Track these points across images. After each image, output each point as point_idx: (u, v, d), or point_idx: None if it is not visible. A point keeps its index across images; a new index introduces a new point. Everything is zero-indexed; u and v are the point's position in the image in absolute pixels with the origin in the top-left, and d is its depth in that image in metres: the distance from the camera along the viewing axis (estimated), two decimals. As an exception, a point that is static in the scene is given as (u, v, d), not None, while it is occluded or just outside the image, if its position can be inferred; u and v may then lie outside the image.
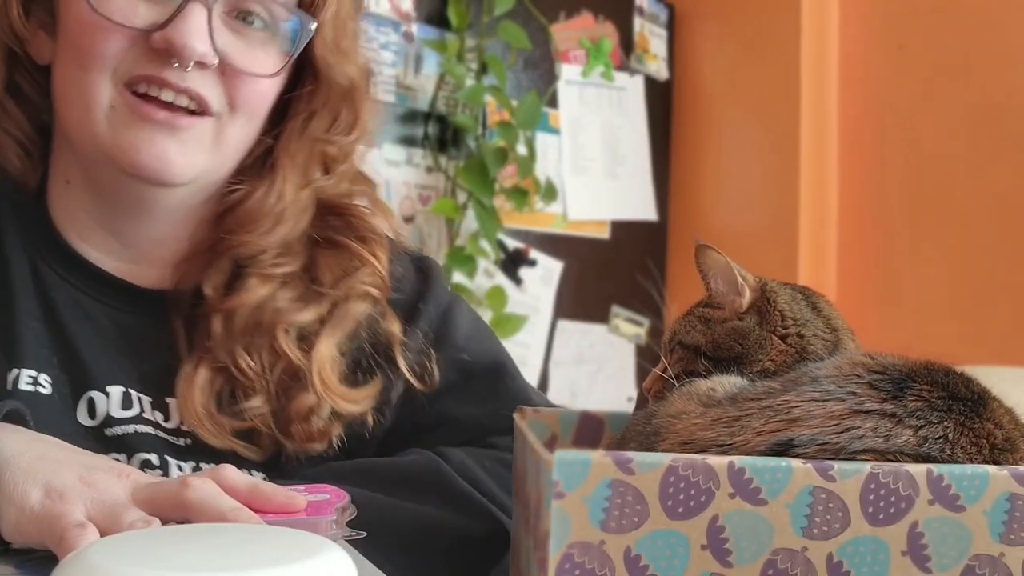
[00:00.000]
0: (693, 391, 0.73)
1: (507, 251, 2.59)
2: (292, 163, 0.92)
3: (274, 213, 0.90)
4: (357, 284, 0.94)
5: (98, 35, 0.82)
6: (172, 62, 0.82)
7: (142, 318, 0.90)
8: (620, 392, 2.67)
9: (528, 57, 2.64)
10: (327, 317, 0.93)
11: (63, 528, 0.63)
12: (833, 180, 2.54)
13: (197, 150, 0.86)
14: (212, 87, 0.85)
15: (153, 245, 0.92)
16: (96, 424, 0.86)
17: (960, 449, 0.63)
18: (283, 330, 0.90)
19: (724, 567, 0.58)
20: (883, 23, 2.45)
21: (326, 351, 0.91)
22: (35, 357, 0.85)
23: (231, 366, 0.88)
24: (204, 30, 0.83)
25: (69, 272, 0.89)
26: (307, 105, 0.93)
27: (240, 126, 0.88)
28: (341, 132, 0.94)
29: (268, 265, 0.91)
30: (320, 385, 0.89)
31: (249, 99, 0.88)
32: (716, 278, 0.85)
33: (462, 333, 1.01)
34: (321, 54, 0.91)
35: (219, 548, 0.57)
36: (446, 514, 0.87)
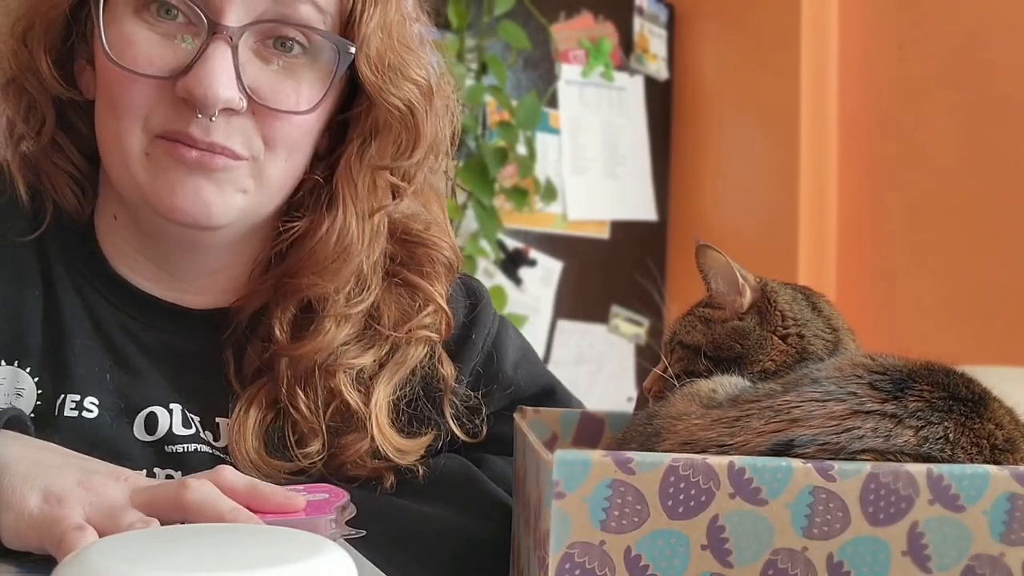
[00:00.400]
0: (694, 392, 0.73)
1: (507, 251, 2.59)
2: (353, 193, 0.85)
3: (339, 250, 0.85)
4: (418, 327, 0.90)
5: (124, 85, 0.78)
6: (197, 113, 0.77)
7: (190, 340, 0.88)
8: (620, 392, 2.67)
9: (528, 57, 2.64)
10: (386, 360, 0.89)
11: (62, 531, 0.62)
12: (833, 180, 2.54)
13: (235, 191, 0.81)
14: (241, 132, 0.80)
15: (202, 276, 0.89)
16: (156, 439, 0.85)
17: (960, 449, 0.63)
18: (343, 372, 0.86)
19: (724, 567, 0.58)
20: (883, 23, 2.45)
21: (383, 398, 0.88)
22: (82, 378, 0.84)
23: (290, 407, 0.86)
24: (228, 73, 0.76)
25: (115, 296, 0.87)
26: (361, 129, 0.86)
27: (281, 162, 0.83)
28: (402, 156, 0.87)
29: (343, 304, 0.87)
30: (378, 432, 0.86)
31: (287, 136, 0.81)
32: (717, 278, 0.85)
33: (511, 361, 0.99)
34: (367, 76, 0.83)
35: (219, 548, 0.57)
36: (470, 518, 0.87)
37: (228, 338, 0.88)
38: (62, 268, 0.87)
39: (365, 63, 0.82)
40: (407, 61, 0.85)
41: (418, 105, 0.85)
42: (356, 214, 0.85)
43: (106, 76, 0.80)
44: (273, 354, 0.86)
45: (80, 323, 0.85)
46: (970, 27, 2.23)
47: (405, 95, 0.84)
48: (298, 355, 0.85)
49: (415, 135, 0.86)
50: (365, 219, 0.86)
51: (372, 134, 0.85)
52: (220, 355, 0.88)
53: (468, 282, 1.01)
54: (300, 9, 0.80)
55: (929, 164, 2.31)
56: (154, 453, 0.84)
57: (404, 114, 0.85)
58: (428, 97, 0.86)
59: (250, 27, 0.78)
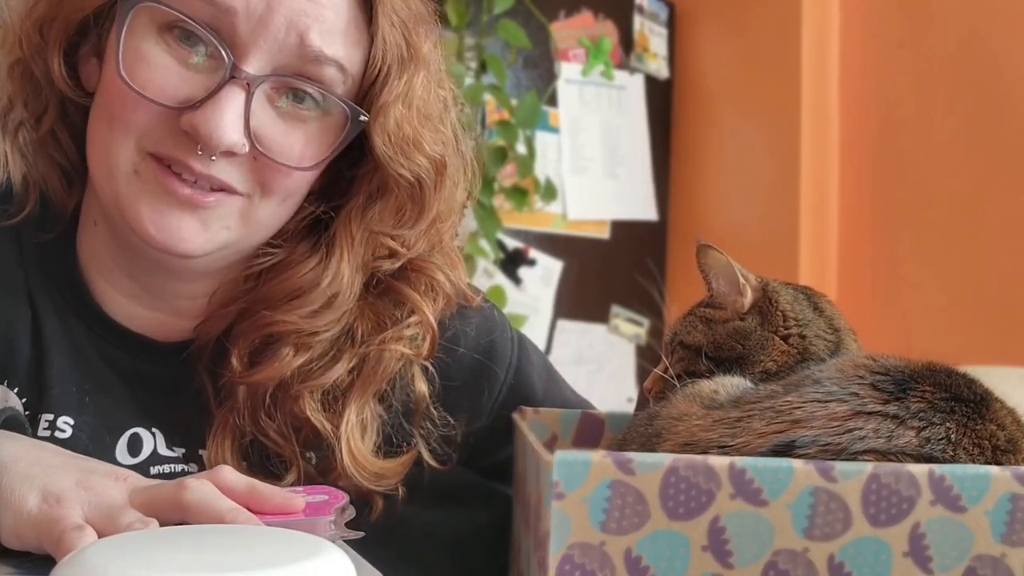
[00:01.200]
0: (695, 393, 0.72)
1: (506, 251, 2.59)
2: (350, 244, 0.83)
3: (326, 295, 0.83)
4: (394, 339, 0.86)
5: (128, 103, 0.76)
6: (197, 149, 0.75)
7: (165, 370, 0.86)
8: (620, 392, 2.67)
9: (528, 56, 2.64)
10: (357, 373, 0.85)
11: (61, 531, 0.62)
12: (833, 179, 2.54)
13: (220, 227, 0.79)
14: (239, 172, 0.78)
15: (176, 298, 0.87)
16: (140, 461, 0.84)
17: (962, 450, 0.63)
18: (308, 394, 0.83)
19: (725, 568, 0.58)
20: (883, 23, 2.45)
21: (355, 415, 0.84)
22: (58, 398, 0.83)
23: (259, 436, 0.84)
24: (237, 118, 0.75)
25: (94, 322, 0.86)
26: (368, 188, 0.84)
27: (273, 206, 0.81)
28: (404, 225, 0.84)
29: (307, 334, 0.83)
30: (349, 459, 0.83)
31: (284, 186, 0.80)
32: (718, 278, 0.85)
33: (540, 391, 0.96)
34: (379, 145, 0.81)
35: (218, 549, 0.57)
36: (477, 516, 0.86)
37: (202, 368, 0.85)
38: (42, 288, 0.85)
39: (379, 133, 0.80)
40: (423, 134, 0.83)
41: (427, 179, 0.83)
42: (351, 264, 0.83)
43: (111, 88, 0.78)
44: (230, 382, 0.84)
45: (60, 345, 0.84)
46: (971, 26, 2.23)
47: (415, 169, 0.82)
48: (254, 382, 0.83)
49: (420, 207, 0.84)
50: (356, 271, 0.84)
51: (377, 196, 0.83)
52: (196, 387, 0.85)
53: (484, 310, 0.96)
54: (324, 70, 0.78)
55: (930, 163, 2.31)
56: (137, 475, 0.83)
57: (412, 186, 0.83)
58: (440, 172, 0.84)
59: (269, 78, 0.76)
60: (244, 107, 0.75)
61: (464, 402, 0.92)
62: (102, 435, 0.84)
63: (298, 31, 0.76)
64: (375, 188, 0.83)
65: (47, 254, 0.86)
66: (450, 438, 0.90)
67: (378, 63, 0.80)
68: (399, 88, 0.80)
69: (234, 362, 0.83)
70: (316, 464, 0.85)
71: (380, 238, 0.84)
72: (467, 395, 0.92)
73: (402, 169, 0.81)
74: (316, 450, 0.84)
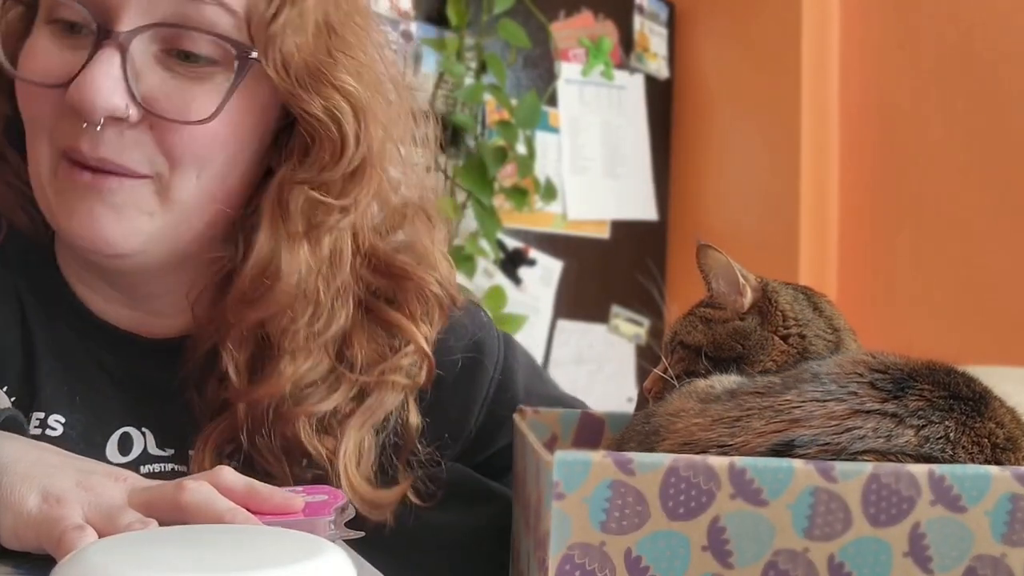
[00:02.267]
0: (691, 389, 0.73)
1: (506, 251, 2.59)
2: (279, 214, 0.78)
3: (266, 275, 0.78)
4: (392, 370, 0.84)
5: (26, 97, 0.74)
6: (83, 122, 0.71)
7: (153, 369, 0.85)
8: (620, 392, 2.67)
9: (527, 56, 2.64)
10: (357, 403, 0.83)
11: (61, 531, 0.62)
12: (834, 179, 2.54)
13: (136, 215, 0.75)
14: (138, 147, 0.74)
15: (151, 298, 0.85)
16: (130, 460, 0.84)
17: (962, 449, 0.63)
18: (305, 418, 0.81)
19: (725, 568, 0.58)
20: (884, 23, 2.45)
21: (353, 445, 0.82)
22: (48, 398, 0.82)
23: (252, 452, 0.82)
24: (112, 79, 0.70)
25: (80, 324, 0.85)
26: (291, 144, 0.79)
27: (192, 180, 0.76)
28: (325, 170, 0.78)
29: (302, 338, 0.80)
30: (346, 485, 0.81)
31: (192, 150, 0.74)
32: (717, 278, 0.85)
33: (522, 386, 0.96)
34: (276, 81, 0.75)
35: (218, 549, 0.57)
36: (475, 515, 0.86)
37: (189, 373, 0.83)
38: (30, 296, 0.85)
39: (272, 67, 0.74)
40: (329, 64, 0.77)
41: (341, 113, 0.77)
42: (285, 235, 0.78)
43: (18, 91, 0.77)
44: (230, 398, 0.82)
45: (49, 347, 0.84)
46: (970, 27, 2.23)
47: (324, 102, 0.76)
48: (253, 400, 0.80)
49: (340, 148, 0.77)
50: (297, 240, 0.79)
51: (302, 149, 0.78)
52: (183, 389, 0.84)
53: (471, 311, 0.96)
54: (205, 11, 0.73)
55: (930, 163, 2.31)
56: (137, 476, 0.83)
57: (324, 123, 0.77)
58: (357, 105, 0.78)
59: (144, 30, 0.72)
60: (121, 68, 0.72)
61: (455, 399, 0.93)
62: (93, 434, 0.83)
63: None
64: (296, 142, 0.78)
65: (31, 263, 0.86)
66: (435, 476, 0.88)
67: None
68: (289, 16, 0.75)
69: (232, 375, 0.81)
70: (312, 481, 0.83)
71: (304, 190, 0.78)
72: (458, 392, 0.93)
73: (307, 104, 0.76)
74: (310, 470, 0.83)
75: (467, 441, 0.95)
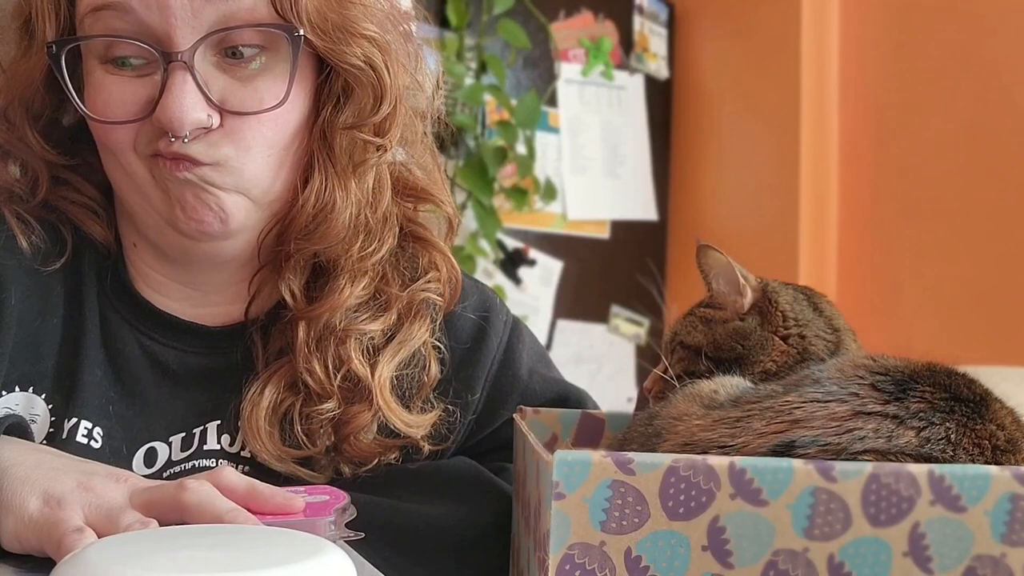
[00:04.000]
0: (695, 392, 0.72)
1: (506, 251, 2.59)
2: (328, 156, 0.85)
3: (319, 212, 0.85)
4: (421, 290, 0.90)
5: (107, 132, 0.81)
6: (170, 137, 0.78)
7: (214, 358, 0.88)
8: (620, 392, 2.67)
9: (527, 56, 2.64)
10: (391, 336, 0.89)
11: (61, 534, 0.62)
12: (833, 179, 2.54)
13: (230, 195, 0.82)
14: (214, 147, 0.80)
15: (228, 286, 0.89)
16: (154, 471, 0.85)
17: (962, 450, 0.63)
18: (354, 338, 0.87)
19: (725, 568, 0.58)
20: (883, 23, 2.45)
21: (387, 374, 0.88)
22: (94, 407, 0.84)
23: (307, 374, 0.86)
24: (192, 96, 0.77)
25: (137, 319, 0.88)
26: (330, 93, 0.85)
27: (264, 158, 0.83)
28: (371, 113, 0.85)
29: (356, 259, 0.87)
30: (384, 404, 0.87)
31: (261, 134, 0.82)
32: (717, 278, 0.85)
33: (526, 367, 0.99)
34: (317, 43, 0.82)
35: (218, 549, 0.57)
36: (476, 517, 0.87)
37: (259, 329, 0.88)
38: (92, 291, 0.87)
39: (311, 32, 0.81)
40: (352, 16, 0.83)
41: (375, 59, 0.84)
42: (336, 174, 0.85)
43: (97, 128, 0.82)
44: (291, 320, 0.87)
45: (97, 351, 0.86)
46: (970, 27, 2.23)
47: (360, 52, 0.83)
48: (315, 316, 0.86)
49: (380, 89, 0.84)
50: (347, 176, 0.86)
51: (341, 98, 0.85)
52: (247, 365, 0.88)
53: (480, 287, 1.01)
54: (243, 4, 0.79)
55: (930, 164, 2.31)
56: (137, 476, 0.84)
57: (365, 71, 0.84)
58: (384, 49, 0.85)
59: (200, 43, 0.78)
60: (194, 84, 0.78)
61: (464, 371, 0.95)
62: (122, 447, 0.85)
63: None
64: (336, 91, 0.85)
65: (102, 269, 0.89)
66: (452, 422, 0.93)
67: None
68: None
69: (290, 298, 0.86)
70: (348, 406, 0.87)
71: (351, 134, 0.85)
72: (464, 371, 0.95)
73: (348, 56, 0.83)
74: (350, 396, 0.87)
75: (473, 416, 0.96)
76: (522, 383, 0.97)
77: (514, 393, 0.97)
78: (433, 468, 0.92)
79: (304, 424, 0.86)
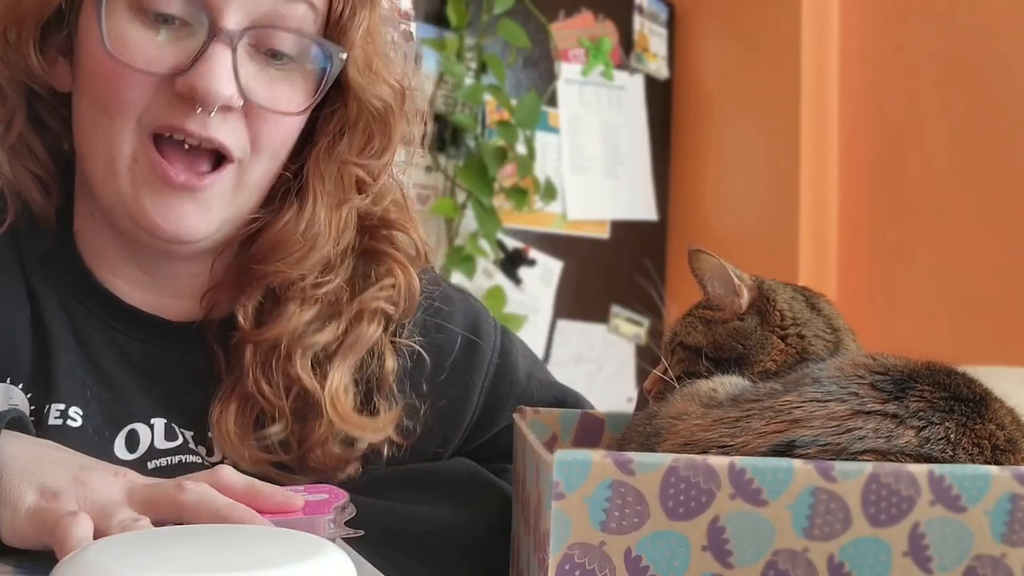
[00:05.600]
0: (694, 392, 0.72)
1: (506, 251, 2.59)
2: (321, 185, 0.86)
3: (306, 238, 0.85)
4: (373, 298, 0.89)
5: (121, 82, 0.78)
6: (196, 108, 0.78)
7: (175, 352, 0.88)
8: (620, 392, 2.67)
9: (527, 56, 2.64)
10: (342, 340, 0.88)
11: (56, 519, 0.63)
12: (833, 180, 2.54)
13: (217, 205, 0.82)
14: (235, 131, 0.81)
15: (180, 279, 0.89)
16: (136, 457, 0.85)
17: (962, 450, 0.63)
18: (300, 352, 0.86)
19: (725, 568, 0.58)
20: (883, 23, 2.45)
21: (339, 379, 0.87)
22: (67, 389, 0.83)
23: (256, 393, 0.85)
24: (229, 72, 0.78)
25: (100, 308, 0.87)
26: (335, 126, 0.87)
27: (262, 165, 0.84)
28: (373, 155, 0.88)
29: (310, 287, 0.87)
30: (334, 414, 0.85)
31: (273, 138, 0.83)
32: (712, 281, 0.85)
33: (523, 371, 0.98)
34: (353, 77, 0.85)
35: (219, 549, 0.57)
36: (476, 517, 0.87)
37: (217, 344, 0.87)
38: (46, 284, 0.86)
39: (353, 66, 0.84)
40: (387, 65, 0.88)
41: (393, 105, 0.88)
42: (325, 205, 0.86)
43: (99, 72, 0.79)
44: (239, 342, 0.86)
45: (65, 338, 0.85)
46: (970, 27, 2.23)
47: (383, 95, 0.87)
48: (262, 340, 0.85)
49: (388, 135, 0.88)
50: (333, 210, 0.87)
51: (344, 130, 0.87)
52: (209, 365, 0.87)
53: (464, 295, 1.01)
54: (298, 10, 0.81)
55: (930, 164, 2.31)
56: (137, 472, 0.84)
57: (381, 114, 0.87)
58: (400, 101, 0.89)
59: (248, 31, 0.80)
60: (232, 62, 0.78)
61: (456, 381, 0.94)
62: (104, 428, 0.84)
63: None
64: (341, 124, 0.87)
65: (48, 254, 0.87)
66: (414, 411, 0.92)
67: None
68: (365, 21, 0.85)
69: (241, 321, 0.85)
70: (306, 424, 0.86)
71: (349, 168, 0.87)
72: (458, 374, 0.94)
73: (373, 98, 0.86)
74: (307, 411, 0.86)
75: (470, 424, 0.96)
76: (520, 387, 0.97)
77: (511, 398, 0.96)
78: (432, 469, 0.92)
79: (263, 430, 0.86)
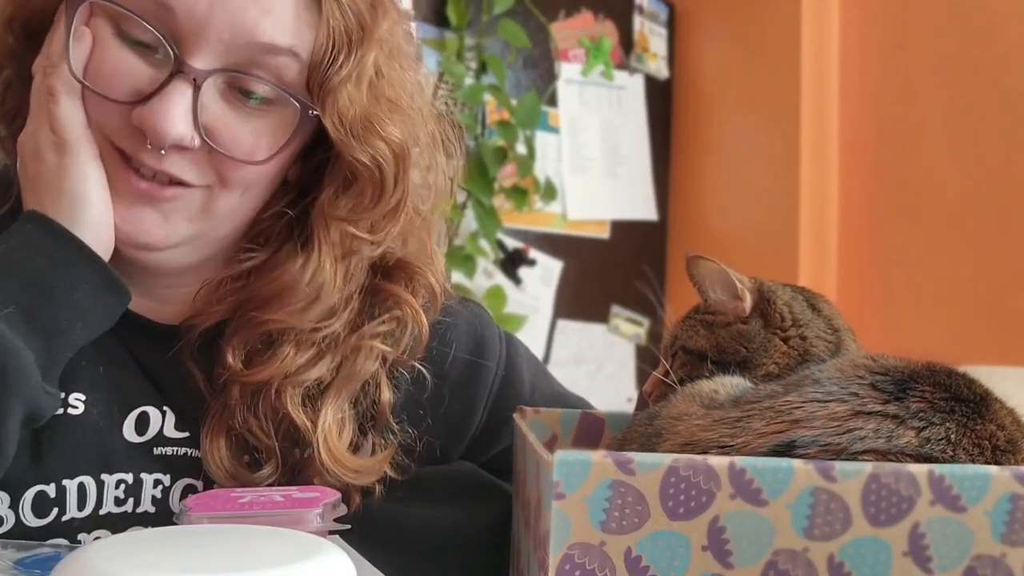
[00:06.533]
0: (695, 393, 0.72)
1: (506, 251, 2.59)
2: (326, 236, 0.83)
3: (311, 288, 0.82)
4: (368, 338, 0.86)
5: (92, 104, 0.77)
6: (147, 143, 0.75)
7: (162, 355, 0.86)
8: (620, 392, 2.67)
9: (527, 56, 2.64)
10: (335, 374, 0.85)
11: None
12: (833, 179, 2.54)
13: (180, 219, 0.79)
14: (193, 166, 0.78)
15: (157, 287, 0.87)
16: (145, 440, 0.83)
17: (962, 450, 0.63)
18: (291, 389, 0.83)
19: (725, 568, 0.58)
20: (883, 23, 2.45)
21: (332, 417, 0.84)
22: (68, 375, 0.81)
23: (245, 432, 0.83)
24: (184, 112, 0.75)
25: None
26: (335, 175, 0.83)
27: (235, 198, 0.81)
28: (364, 211, 0.83)
29: (308, 332, 0.83)
30: (327, 455, 0.82)
31: (241, 177, 0.79)
32: (713, 286, 0.84)
33: (527, 383, 0.97)
34: (332, 130, 0.79)
35: (219, 549, 0.57)
36: (476, 519, 0.86)
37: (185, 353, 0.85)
38: None
39: (330, 115, 0.79)
40: (380, 116, 0.81)
41: (385, 163, 0.81)
42: (331, 256, 0.83)
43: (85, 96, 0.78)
44: (227, 379, 0.83)
45: None
46: (970, 27, 2.23)
47: (372, 153, 0.81)
48: (252, 382, 0.82)
49: (379, 192, 0.82)
50: (339, 261, 0.84)
51: (344, 185, 0.83)
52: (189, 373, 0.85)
53: (471, 308, 0.98)
54: (278, 59, 0.77)
55: (930, 164, 2.31)
56: (141, 456, 0.82)
57: (371, 171, 0.81)
58: (400, 156, 0.82)
59: (217, 72, 0.76)
60: (192, 101, 0.75)
61: (459, 396, 0.93)
62: (112, 410, 0.83)
63: (246, 28, 0.75)
64: (342, 177, 0.82)
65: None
66: (410, 448, 0.89)
67: (326, 44, 0.78)
68: (349, 67, 0.79)
69: (230, 360, 0.82)
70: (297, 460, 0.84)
71: (344, 226, 0.83)
72: (461, 389, 0.93)
73: (358, 153, 0.80)
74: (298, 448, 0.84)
75: (473, 438, 0.95)
76: (524, 402, 0.95)
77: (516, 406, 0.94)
78: (435, 471, 0.91)
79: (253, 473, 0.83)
